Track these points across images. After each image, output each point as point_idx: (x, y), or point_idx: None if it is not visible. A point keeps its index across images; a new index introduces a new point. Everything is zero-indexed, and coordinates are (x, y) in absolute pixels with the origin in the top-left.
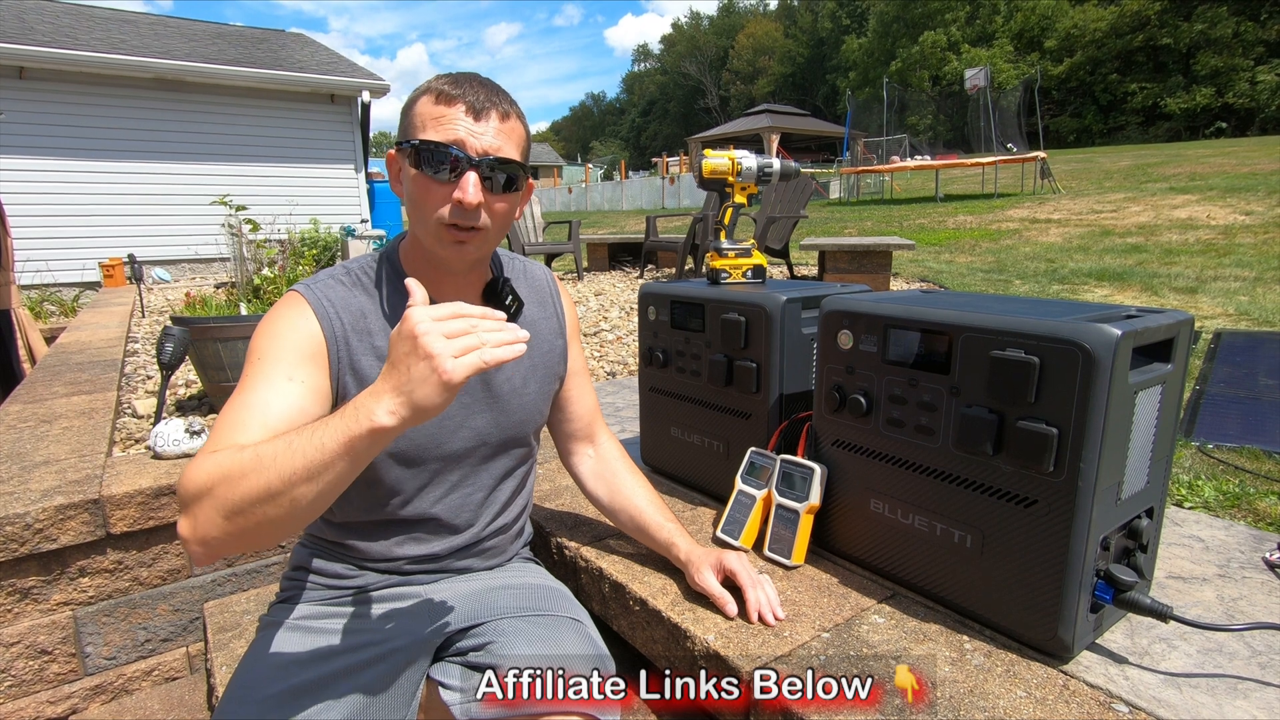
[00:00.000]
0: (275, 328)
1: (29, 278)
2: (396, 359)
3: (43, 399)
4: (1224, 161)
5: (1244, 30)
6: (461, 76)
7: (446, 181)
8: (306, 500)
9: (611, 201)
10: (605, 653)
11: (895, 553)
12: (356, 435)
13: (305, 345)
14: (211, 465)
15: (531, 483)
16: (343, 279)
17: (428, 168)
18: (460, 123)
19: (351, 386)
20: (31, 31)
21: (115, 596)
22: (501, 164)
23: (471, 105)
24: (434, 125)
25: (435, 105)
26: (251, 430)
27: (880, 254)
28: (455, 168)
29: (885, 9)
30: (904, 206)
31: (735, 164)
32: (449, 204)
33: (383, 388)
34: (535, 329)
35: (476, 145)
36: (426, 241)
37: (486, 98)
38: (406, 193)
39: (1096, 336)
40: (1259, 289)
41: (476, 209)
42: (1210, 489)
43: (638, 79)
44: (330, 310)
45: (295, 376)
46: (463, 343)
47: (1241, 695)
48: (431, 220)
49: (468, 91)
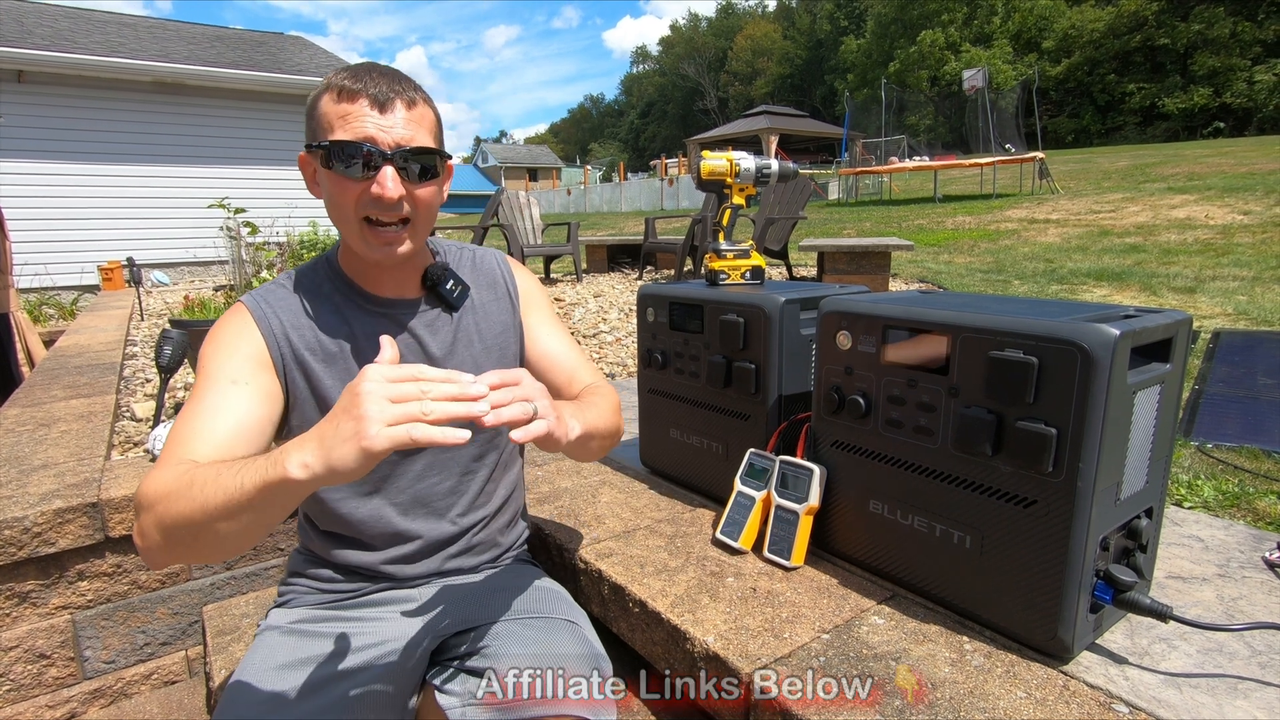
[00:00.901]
0: (218, 338)
1: (27, 281)
2: (336, 410)
3: (41, 402)
4: (1222, 161)
5: (1241, 30)
6: (361, 68)
7: (362, 179)
8: (227, 534)
9: (610, 203)
10: (602, 654)
11: (895, 554)
12: (270, 482)
13: (247, 349)
14: (159, 480)
15: (514, 475)
16: (284, 283)
17: (340, 166)
18: (367, 118)
19: (299, 380)
20: (30, 35)
21: (114, 600)
22: (416, 154)
23: (375, 98)
24: (341, 124)
25: (339, 103)
26: (199, 441)
27: (879, 255)
28: (369, 163)
29: (883, 10)
30: (902, 207)
31: (734, 165)
32: (367, 199)
33: (309, 437)
34: (485, 311)
35: (387, 139)
36: (353, 244)
37: (389, 88)
38: (325, 194)
39: (1095, 336)
40: (1257, 288)
41: (398, 202)
42: (1209, 488)
43: (636, 81)
44: (269, 311)
45: (239, 379)
46: (401, 410)
47: (1242, 695)
48: (354, 220)
49: (369, 84)
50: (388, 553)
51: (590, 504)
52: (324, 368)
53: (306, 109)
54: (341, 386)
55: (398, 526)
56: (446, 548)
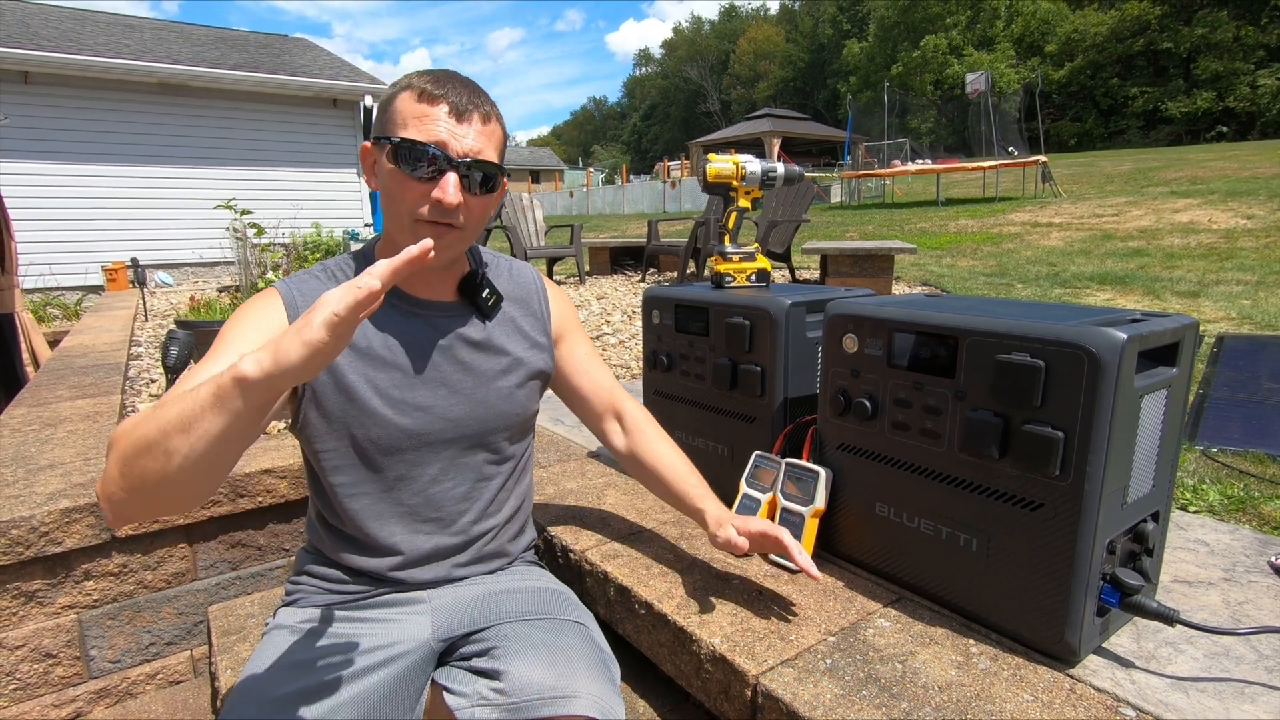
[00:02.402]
0: (242, 315)
1: (32, 281)
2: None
3: (47, 402)
4: (1225, 165)
5: (1244, 34)
6: (443, 75)
7: (426, 180)
8: (182, 454)
9: (613, 205)
10: (610, 655)
11: (901, 556)
12: (223, 383)
13: (267, 329)
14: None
15: (526, 485)
16: (318, 274)
17: (406, 165)
18: (442, 123)
19: (321, 376)
20: (36, 36)
21: (120, 600)
22: (480, 165)
23: (455, 106)
24: (416, 123)
25: (418, 103)
26: None
27: (882, 258)
28: (435, 166)
29: (886, 14)
30: (905, 210)
31: (739, 168)
32: (428, 202)
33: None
34: (515, 325)
35: (458, 147)
36: (401, 238)
37: (469, 99)
38: (383, 186)
39: (1102, 340)
40: (1261, 293)
41: (456, 208)
42: (1215, 493)
43: (639, 83)
44: (299, 299)
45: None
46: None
47: (1249, 699)
48: (408, 217)
49: (451, 92)
50: (396, 559)
51: (596, 505)
52: (348, 359)
53: (379, 103)
54: (365, 380)
55: (408, 533)
56: (455, 555)
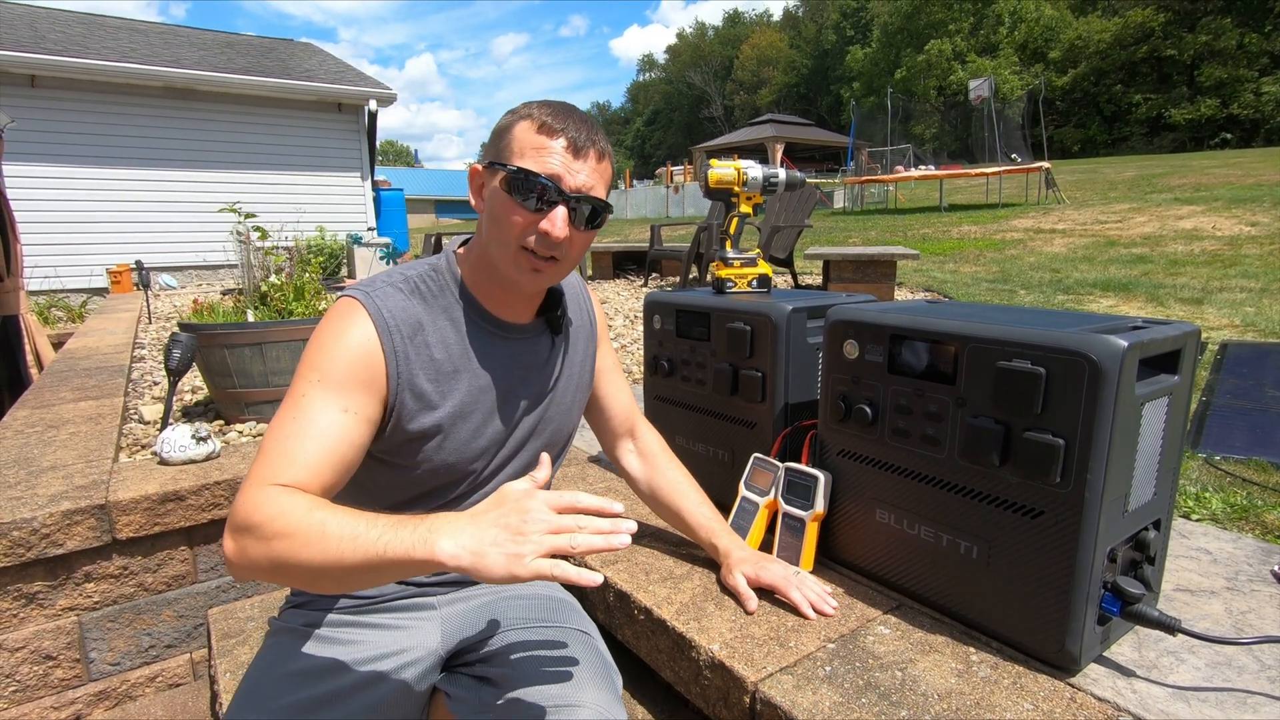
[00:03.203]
0: (333, 342)
1: (37, 284)
2: (497, 514)
3: (50, 404)
4: (1229, 172)
5: (1248, 42)
6: (563, 109)
7: (535, 211)
8: (355, 584)
9: (616, 210)
10: (612, 664)
11: (901, 563)
12: (415, 558)
13: (362, 368)
14: (274, 510)
15: None
16: (400, 285)
17: (519, 194)
18: (559, 157)
19: (409, 402)
20: (43, 40)
21: (120, 602)
22: (590, 201)
23: (574, 142)
24: (533, 154)
25: (537, 134)
26: (303, 463)
27: (885, 264)
28: (547, 199)
29: (889, 20)
30: (908, 216)
31: (741, 174)
32: (535, 233)
33: (463, 528)
34: (575, 338)
35: (572, 182)
36: (502, 264)
37: (588, 137)
38: (490, 211)
39: (1103, 348)
40: (1265, 300)
41: (562, 242)
42: (1217, 501)
43: (643, 89)
44: (390, 321)
45: (350, 408)
46: (553, 542)
47: (1251, 709)
48: (513, 244)
49: (570, 127)
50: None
51: None
52: (434, 386)
53: (496, 128)
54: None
55: None
56: None
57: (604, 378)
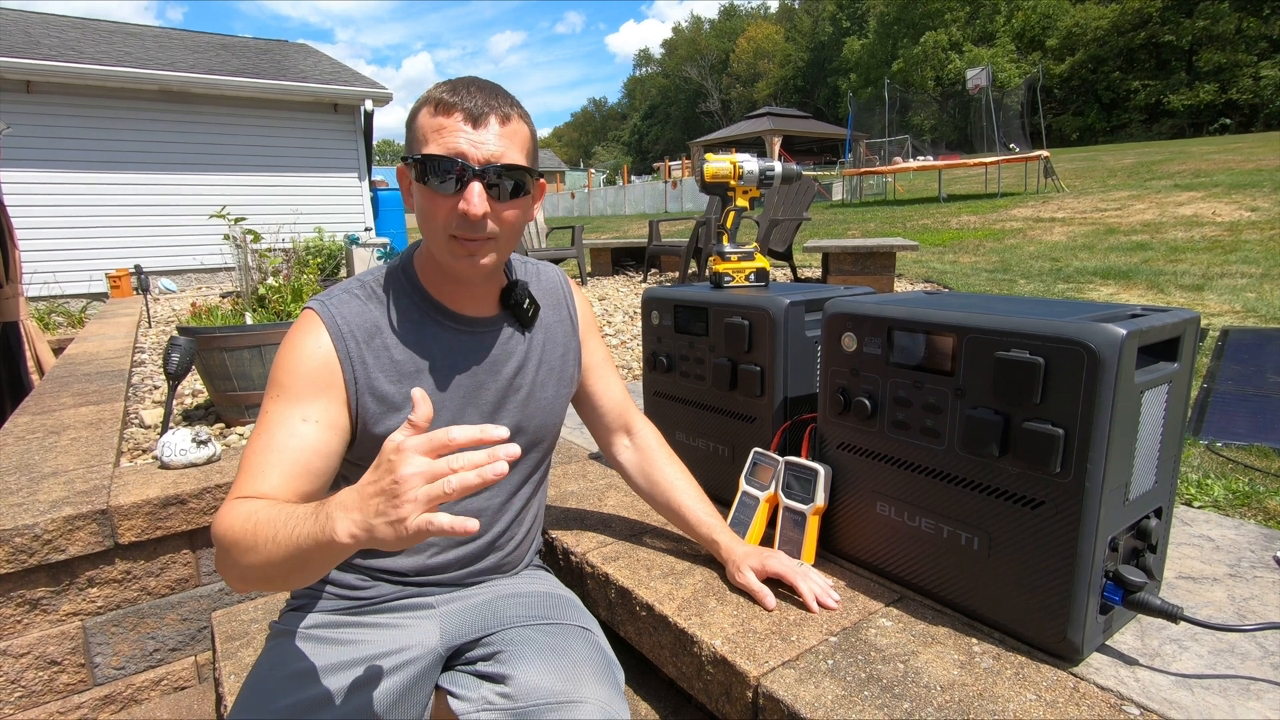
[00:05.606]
0: (292, 356)
1: (36, 289)
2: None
3: (51, 410)
4: (1228, 158)
5: (1246, 26)
6: (460, 82)
7: (452, 194)
8: (296, 579)
9: (614, 206)
10: (614, 660)
11: (902, 555)
12: (321, 542)
13: (320, 376)
14: (234, 522)
15: (544, 491)
16: (356, 292)
17: (432, 180)
18: (460, 133)
19: (371, 405)
20: (38, 45)
21: (124, 606)
22: (506, 170)
23: (469, 112)
24: (435, 137)
25: (434, 116)
26: (270, 476)
27: (884, 255)
28: (459, 179)
29: (885, 10)
30: (907, 207)
31: (737, 168)
32: (455, 216)
33: (353, 506)
34: (550, 332)
35: (477, 154)
36: (439, 256)
37: (484, 102)
38: (417, 207)
39: (1101, 336)
40: (1266, 285)
41: (482, 219)
42: (1219, 488)
43: (639, 84)
44: (344, 327)
45: (310, 417)
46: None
47: (1254, 696)
48: (442, 234)
49: (464, 98)
50: (423, 561)
51: (597, 508)
52: (396, 387)
53: (406, 121)
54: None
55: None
56: (478, 561)
57: (594, 373)
